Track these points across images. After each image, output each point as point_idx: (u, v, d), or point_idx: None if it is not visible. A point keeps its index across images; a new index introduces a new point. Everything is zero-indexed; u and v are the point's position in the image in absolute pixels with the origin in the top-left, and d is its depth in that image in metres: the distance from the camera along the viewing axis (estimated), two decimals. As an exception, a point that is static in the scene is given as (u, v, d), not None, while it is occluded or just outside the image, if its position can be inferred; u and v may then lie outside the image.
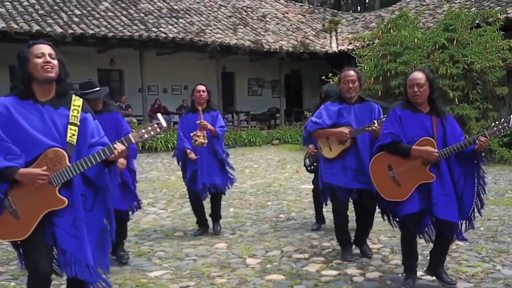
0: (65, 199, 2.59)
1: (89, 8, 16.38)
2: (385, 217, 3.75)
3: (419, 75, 3.47)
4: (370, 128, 4.05)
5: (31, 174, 2.55)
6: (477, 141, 3.32)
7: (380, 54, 12.17)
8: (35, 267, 2.59)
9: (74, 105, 2.71)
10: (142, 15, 17.13)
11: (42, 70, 2.59)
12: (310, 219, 5.92)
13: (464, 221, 3.54)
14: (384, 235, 5.11)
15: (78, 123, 2.68)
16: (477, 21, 12.69)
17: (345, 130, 4.17)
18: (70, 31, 14.16)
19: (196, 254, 4.65)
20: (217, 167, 5.37)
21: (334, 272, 4.02)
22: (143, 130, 2.65)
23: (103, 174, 2.73)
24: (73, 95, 2.77)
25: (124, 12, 16.92)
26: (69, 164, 2.59)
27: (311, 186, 5.85)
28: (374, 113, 4.27)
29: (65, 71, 2.69)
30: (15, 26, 13.36)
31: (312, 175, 5.66)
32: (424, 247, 4.21)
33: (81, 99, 2.77)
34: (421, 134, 3.46)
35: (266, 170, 10.90)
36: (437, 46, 11.54)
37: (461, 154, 3.43)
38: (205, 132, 5.13)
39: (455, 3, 16.87)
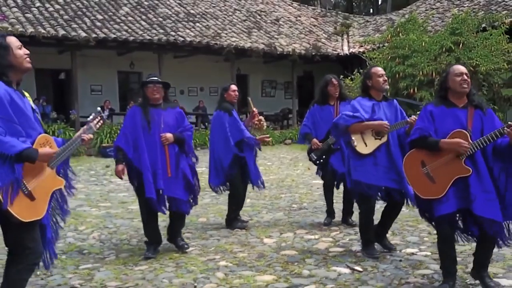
0: (62, 179, 2.93)
1: (110, 13, 17.14)
2: (424, 218, 3.60)
3: (463, 67, 3.44)
4: (408, 120, 4.11)
5: (48, 154, 2.70)
6: (506, 129, 3.12)
7: (389, 57, 12.73)
8: (37, 246, 2.74)
9: (27, 97, 2.83)
10: (160, 19, 17.84)
11: (26, 61, 2.74)
12: (320, 209, 6.48)
13: (509, 222, 3.30)
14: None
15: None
16: (483, 25, 13.18)
17: (386, 122, 4.16)
18: (94, 35, 14.89)
19: (219, 235, 5.27)
20: None
21: (341, 249, 4.62)
22: (95, 122, 3.08)
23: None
24: None
25: (144, 17, 17.64)
26: (57, 148, 2.84)
27: (322, 181, 5.95)
28: (398, 110, 4.41)
29: None
30: (43, 30, 14.14)
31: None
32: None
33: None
34: (454, 128, 3.33)
35: (279, 167, 11.49)
36: (443, 49, 12.07)
37: (498, 149, 3.27)
38: None
39: (463, 7, 17.31)
